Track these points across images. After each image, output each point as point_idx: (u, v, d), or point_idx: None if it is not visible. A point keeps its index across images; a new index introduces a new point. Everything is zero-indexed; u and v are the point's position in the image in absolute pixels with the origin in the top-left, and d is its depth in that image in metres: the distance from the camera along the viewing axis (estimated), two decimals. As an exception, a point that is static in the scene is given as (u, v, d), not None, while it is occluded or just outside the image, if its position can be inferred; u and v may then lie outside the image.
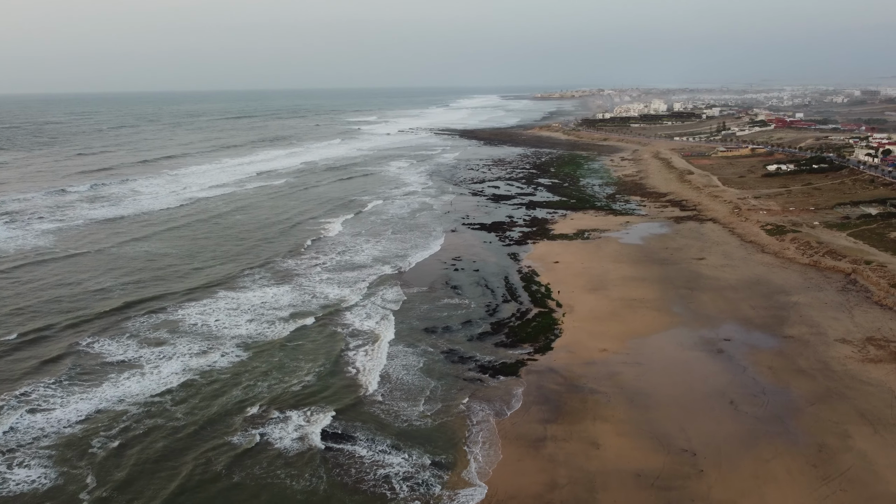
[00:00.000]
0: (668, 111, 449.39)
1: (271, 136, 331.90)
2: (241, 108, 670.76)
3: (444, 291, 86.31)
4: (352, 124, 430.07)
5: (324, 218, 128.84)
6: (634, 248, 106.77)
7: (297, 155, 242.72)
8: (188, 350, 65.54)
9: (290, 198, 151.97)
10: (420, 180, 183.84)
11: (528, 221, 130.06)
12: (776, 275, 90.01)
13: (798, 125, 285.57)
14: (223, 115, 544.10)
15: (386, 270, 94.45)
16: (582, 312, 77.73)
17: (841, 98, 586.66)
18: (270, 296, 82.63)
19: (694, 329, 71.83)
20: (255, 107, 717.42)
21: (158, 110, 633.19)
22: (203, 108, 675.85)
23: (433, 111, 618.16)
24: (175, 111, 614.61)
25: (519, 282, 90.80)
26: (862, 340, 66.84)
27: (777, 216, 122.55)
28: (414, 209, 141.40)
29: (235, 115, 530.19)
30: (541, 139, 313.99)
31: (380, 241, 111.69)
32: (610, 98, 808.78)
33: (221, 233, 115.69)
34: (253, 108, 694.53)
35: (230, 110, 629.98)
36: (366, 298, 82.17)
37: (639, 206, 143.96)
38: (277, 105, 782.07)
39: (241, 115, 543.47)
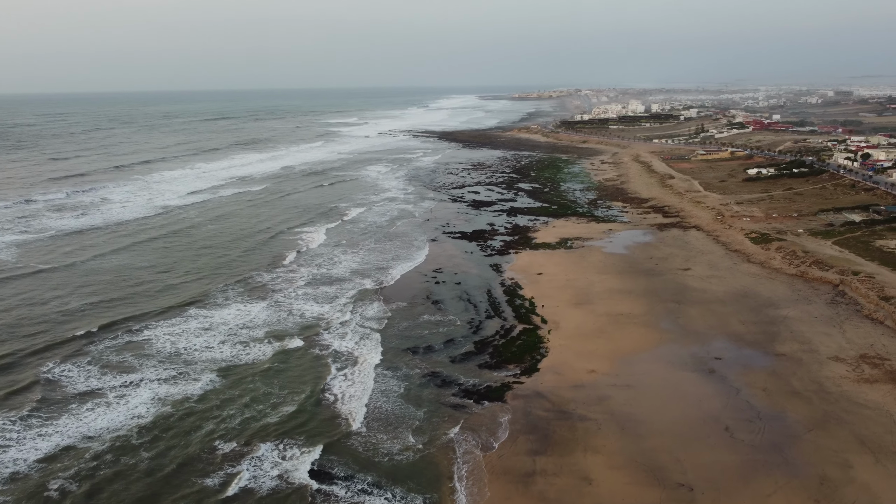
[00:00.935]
0: (645, 112, 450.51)
1: (249, 138, 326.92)
2: (219, 109, 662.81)
3: (425, 307, 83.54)
4: (330, 126, 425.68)
5: (301, 227, 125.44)
6: (619, 258, 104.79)
7: (275, 159, 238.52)
8: (157, 377, 62.17)
9: (267, 205, 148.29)
10: (399, 185, 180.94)
11: (509, 229, 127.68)
12: (764, 286, 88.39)
13: (775, 127, 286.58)
14: (200, 116, 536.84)
15: (366, 284, 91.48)
16: (568, 329, 75.40)
17: (815, 99, 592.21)
18: (245, 314, 79.33)
19: (684, 346, 69.79)
20: (232, 108, 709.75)
21: (133, 111, 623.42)
22: (179, 110, 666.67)
23: (412, 112, 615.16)
24: (150, 112, 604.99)
25: (502, 295, 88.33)
26: (855, 358, 65.17)
27: (761, 223, 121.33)
28: (393, 217, 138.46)
29: (212, 117, 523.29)
30: (520, 141, 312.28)
31: (359, 252, 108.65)
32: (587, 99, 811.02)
33: (195, 245, 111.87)
34: (230, 109, 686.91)
35: (207, 111, 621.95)
36: (345, 316, 79.13)
37: (621, 213, 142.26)
38: (255, 106, 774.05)
39: (217, 116, 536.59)
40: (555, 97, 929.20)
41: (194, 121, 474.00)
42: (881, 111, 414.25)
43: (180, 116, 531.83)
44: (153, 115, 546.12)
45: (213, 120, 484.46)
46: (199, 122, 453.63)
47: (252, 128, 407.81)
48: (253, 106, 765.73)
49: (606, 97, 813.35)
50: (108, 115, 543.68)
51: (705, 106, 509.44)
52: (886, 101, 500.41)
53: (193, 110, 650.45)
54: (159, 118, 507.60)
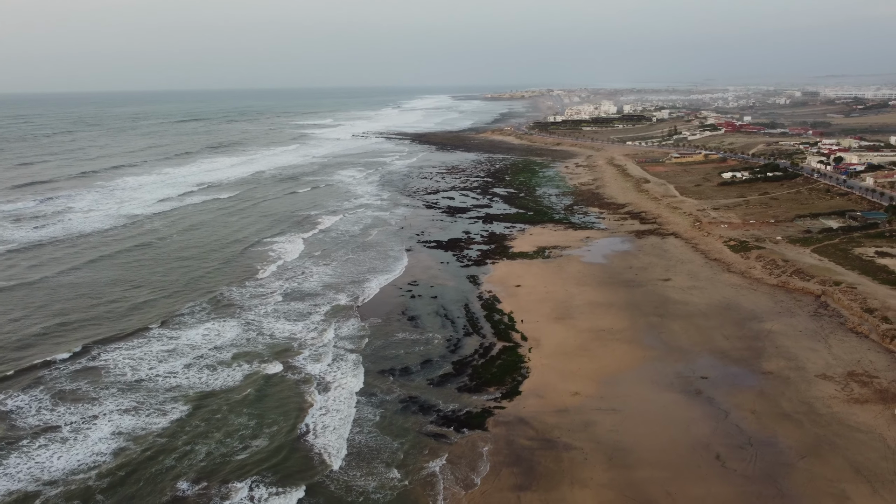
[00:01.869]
0: (618, 113, 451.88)
1: (220, 141, 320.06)
2: (189, 111, 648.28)
3: (400, 324, 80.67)
4: (303, 128, 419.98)
5: (273, 237, 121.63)
6: (598, 268, 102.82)
7: (245, 164, 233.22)
8: (117, 408, 58.50)
9: (237, 214, 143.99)
10: (372, 191, 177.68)
11: (485, 238, 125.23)
12: (745, 298, 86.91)
13: (747, 129, 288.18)
14: (170, 117, 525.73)
15: (340, 299, 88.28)
16: (549, 347, 73.05)
17: (783, 99, 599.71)
18: (213, 334, 75.73)
19: (668, 364, 67.79)
20: (204, 109, 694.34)
21: (101, 113, 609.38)
22: (148, 111, 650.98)
23: (385, 113, 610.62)
24: (118, 114, 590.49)
25: (480, 310, 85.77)
26: (843, 376, 63.65)
27: (739, 230, 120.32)
28: (367, 225, 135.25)
29: (183, 118, 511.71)
30: (494, 144, 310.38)
31: (332, 264, 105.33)
32: (559, 99, 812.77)
33: (161, 258, 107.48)
34: (202, 109, 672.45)
35: (177, 112, 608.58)
36: (319, 335, 75.91)
37: (598, 219, 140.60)
38: (227, 106, 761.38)
39: (188, 117, 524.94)
40: (527, 97, 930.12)
41: (164, 122, 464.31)
42: (848, 112, 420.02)
43: (150, 118, 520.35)
44: (122, 117, 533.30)
45: (184, 122, 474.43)
46: (170, 124, 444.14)
47: (224, 130, 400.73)
48: (225, 106, 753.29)
49: (578, 97, 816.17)
50: (75, 117, 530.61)
51: (676, 107, 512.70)
52: (852, 101, 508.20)
53: (163, 111, 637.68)
54: (128, 120, 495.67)
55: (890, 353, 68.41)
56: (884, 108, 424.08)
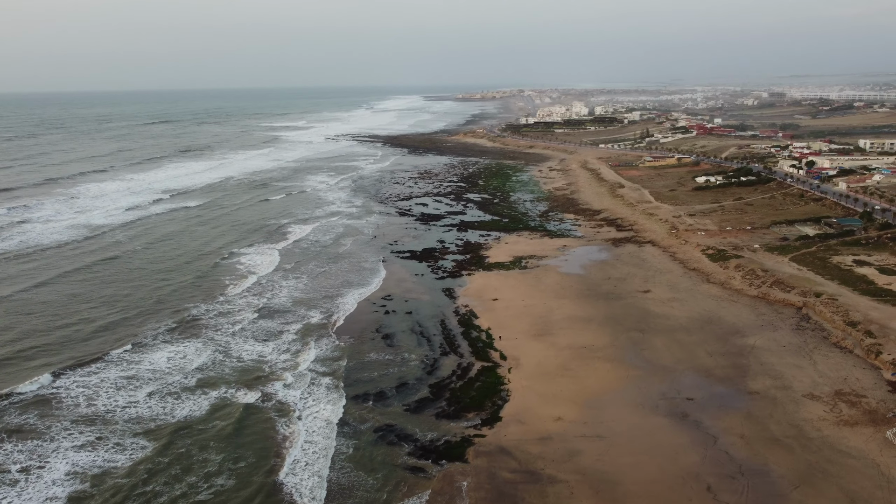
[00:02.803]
0: (589, 115, 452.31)
1: (187, 144, 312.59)
2: (158, 112, 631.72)
3: (374, 343, 77.70)
4: (274, 130, 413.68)
5: (241, 249, 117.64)
6: (576, 279, 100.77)
7: (214, 169, 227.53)
8: (72, 444, 54.73)
9: (204, 224, 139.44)
10: (344, 198, 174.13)
11: (460, 247, 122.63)
12: (727, 310, 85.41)
13: (718, 132, 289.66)
14: (138, 119, 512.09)
15: (312, 317, 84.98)
16: (529, 367, 70.62)
17: (751, 100, 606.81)
18: (177, 358, 72.09)
19: (652, 384, 65.74)
20: (173, 110, 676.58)
21: (65, 114, 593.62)
22: (116, 112, 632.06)
23: (357, 114, 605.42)
24: (84, 115, 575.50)
25: (457, 326, 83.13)
26: (831, 395, 62.12)
27: (716, 238, 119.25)
28: (339, 234, 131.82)
29: (151, 120, 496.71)
30: (466, 146, 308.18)
31: (302, 278, 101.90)
32: (531, 99, 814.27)
33: (122, 273, 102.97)
34: (171, 111, 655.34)
35: (146, 114, 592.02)
36: (290, 357, 72.65)
37: (574, 226, 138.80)
38: (197, 107, 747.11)
39: (157, 119, 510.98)
40: (498, 98, 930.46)
41: (132, 125, 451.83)
42: (815, 113, 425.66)
43: (116, 120, 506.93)
44: (87, 119, 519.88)
45: (153, 124, 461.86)
46: (138, 127, 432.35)
47: (193, 132, 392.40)
48: (195, 108, 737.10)
49: (549, 98, 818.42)
50: (39, 119, 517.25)
51: (647, 108, 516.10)
52: (818, 102, 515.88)
53: (131, 113, 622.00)
54: (93, 121, 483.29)
55: (875, 370, 67.14)
56: (849, 110, 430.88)
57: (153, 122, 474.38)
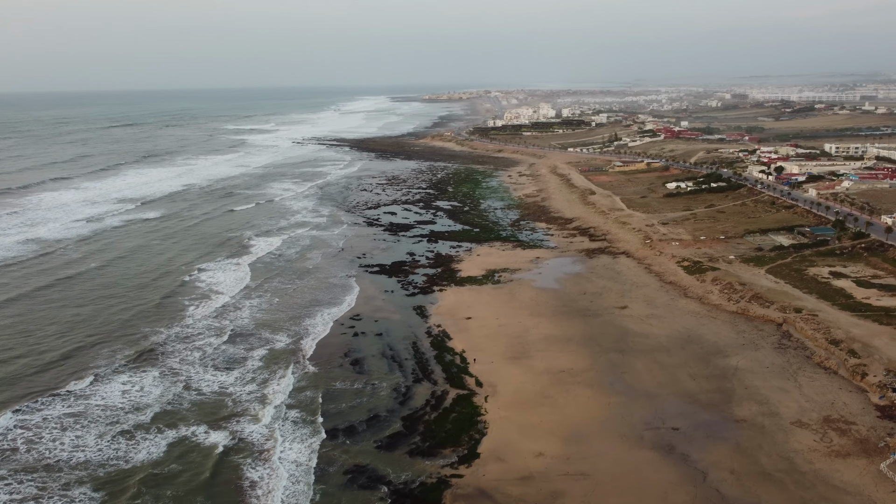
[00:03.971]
0: (557, 117, 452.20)
1: (149, 150, 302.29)
2: (120, 114, 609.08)
3: (343, 370, 73.77)
4: (239, 133, 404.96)
5: (202, 266, 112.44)
6: (551, 295, 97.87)
7: (176, 176, 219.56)
8: (10, 496, 49.94)
9: (163, 238, 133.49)
10: (310, 206, 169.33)
11: (431, 260, 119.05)
12: (706, 328, 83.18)
13: (685, 135, 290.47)
14: (98, 122, 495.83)
15: (277, 342, 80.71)
16: (506, 394, 67.37)
17: (714, 102, 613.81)
18: (132, 391, 67.40)
19: (635, 412, 62.94)
20: (135, 112, 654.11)
21: (21, 117, 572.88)
22: (76, 114, 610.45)
23: (324, 116, 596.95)
24: (43, 118, 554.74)
25: (429, 349, 79.61)
26: (820, 422, 59.91)
27: (690, 248, 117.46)
28: (304, 247, 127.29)
29: (112, 123, 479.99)
30: (434, 150, 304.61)
31: (266, 296, 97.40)
32: (497, 101, 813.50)
33: (73, 297, 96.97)
34: (133, 113, 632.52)
35: (107, 116, 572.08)
36: (254, 389, 68.43)
37: (546, 236, 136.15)
38: (161, 109, 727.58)
39: (118, 122, 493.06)
40: (465, 99, 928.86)
41: (93, 128, 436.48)
42: (777, 115, 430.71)
43: (76, 123, 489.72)
44: (45, 122, 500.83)
45: (114, 127, 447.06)
46: (99, 130, 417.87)
47: (156, 137, 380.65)
48: (159, 109, 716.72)
49: (516, 99, 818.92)
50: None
51: (613, 110, 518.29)
52: (780, 104, 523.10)
53: (92, 115, 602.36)
54: (52, 125, 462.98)
55: (862, 393, 65.24)
56: (811, 112, 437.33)
57: (115, 126, 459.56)
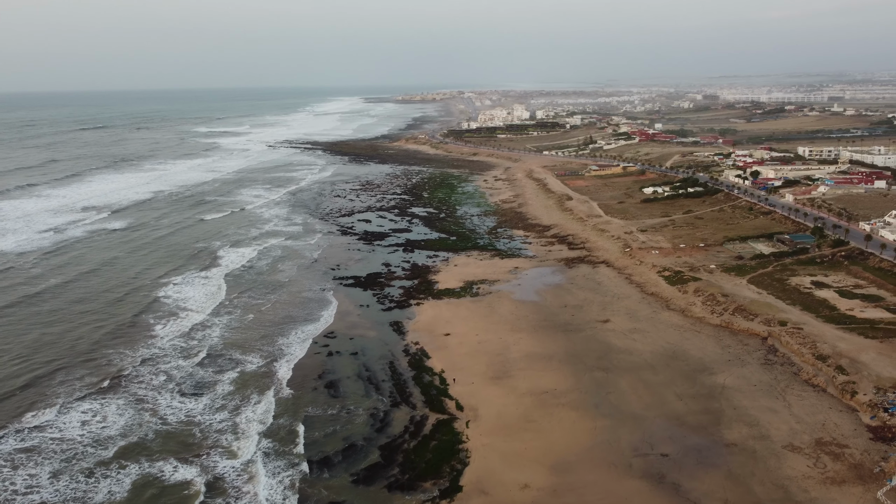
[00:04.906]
0: (531, 119, 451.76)
1: (119, 154, 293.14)
2: (89, 116, 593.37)
3: (317, 394, 70.62)
4: (211, 136, 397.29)
5: (169, 280, 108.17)
6: (531, 308, 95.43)
7: (146, 183, 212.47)
8: (-43, 548, 46.09)
9: (130, 249, 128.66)
10: (283, 214, 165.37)
11: (407, 271, 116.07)
12: (691, 343, 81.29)
13: (660, 138, 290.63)
14: (66, 125, 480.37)
15: (247, 364, 77.27)
16: (488, 419, 64.69)
17: (686, 103, 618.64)
18: (92, 421, 63.62)
19: (623, 436, 60.62)
20: (105, 114, 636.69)
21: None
22: (42, 116, 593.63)
23: (297, 117, 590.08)
24: (7, 120, 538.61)
25: (407, 369, 76.72)
26: (812, 446, 58.06)
27: (670, 257, 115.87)
28: (277, 258, 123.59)
29: (81, 126, 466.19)
30: (409, 154, 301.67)
31: (236, 313, 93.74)
32: (471, 102, 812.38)
33: (30, 317, 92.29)
34: (103, 115, 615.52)
35: (75, 119, 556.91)
36: (225, 417, 65.02)
37: (524, 244, 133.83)
38: (133, 110, 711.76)
39: (87, 125, 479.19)
40: (438, 100, 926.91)
41: (61, 131, 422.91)
42: (749, 117, 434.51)
43: (43, 126, 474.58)
44: (10, 125, 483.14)
45: (84, 130, 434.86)
46: (67, 134, 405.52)
47: (126, 140, 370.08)
48: (130, 111, 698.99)
49: (490, 100, 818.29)
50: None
51: (587, 112, 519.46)
52: (751, 106, 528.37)
53: (60, 117, 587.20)
54: (17, 128, 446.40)
55: (853, 412, 63.62)
56: (781, 113, 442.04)
57: (84, 129, 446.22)
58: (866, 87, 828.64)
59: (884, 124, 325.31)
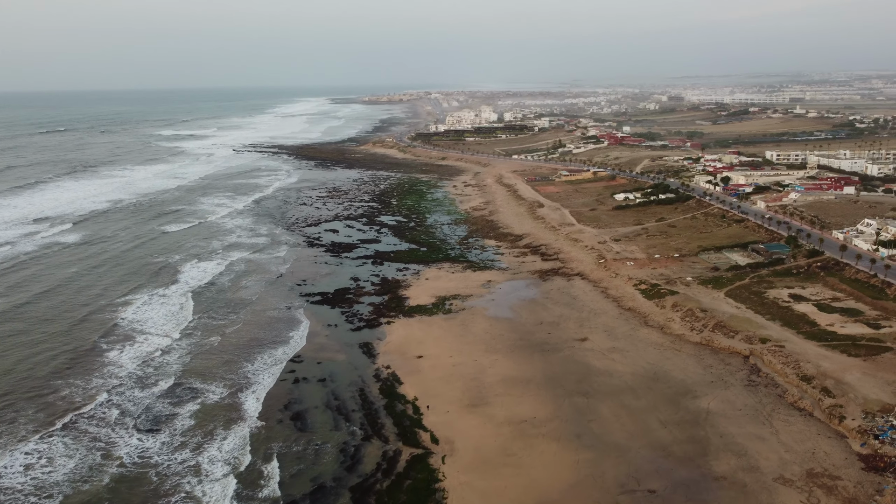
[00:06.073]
0: (499, 121, 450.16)
1: (79, 159, 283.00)
2: (49, 118, 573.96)
3: (283, 427, 66.53)
4: (175, 140, 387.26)
5: (124, 299, 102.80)
6: (506, 326, 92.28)
7: (106, 191, 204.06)
8: None
9: (84, 266, 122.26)
10: (247, 224, 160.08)
11: (377, 286, 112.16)
12: (672, 363, 78.82)
13: (629, 142, 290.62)
14: (22, 128, 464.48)
15: (209, 394, 72.84)
16: (466, 453, 61.27)
17: (653, 105, 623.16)
18: (36, 465, 58.76)
19: (608, 471, 57.67)
20: (65, 116, 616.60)
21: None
22: None
23: (263, 120, 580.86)
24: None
25: (378, 396, 73.00)
26: (803, 477, 55.73)
27: (646, 268, 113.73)
28: (241, 273, 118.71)
29: (41, 129, 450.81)
30: (376, 158, 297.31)
31: (196, 336, 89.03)
32: (438, 103, 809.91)
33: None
34: (63, 117, 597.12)
35: (33, 121, 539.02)
36: (187, 457, 60.59)
37: (496, 255, 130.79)
38: (95, 112, 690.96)
39: (46, 128, 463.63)
40: (405, 101, 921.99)
41: (16, 135, 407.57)
42: (715, 119, 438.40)
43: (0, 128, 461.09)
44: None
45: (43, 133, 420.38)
46: (24, 138, 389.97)
47: (87, 145, 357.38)
48: (93, 113, 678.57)
49: (457, 101, 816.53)
50: None
51: (555, 114, 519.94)
52: (716, 107, 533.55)
53: (16, 119, 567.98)
54: None
55: (842, 439, 61.54)
56: (745, 115, 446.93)
57: (43, 132, 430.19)
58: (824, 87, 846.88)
59: (846, 127, 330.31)
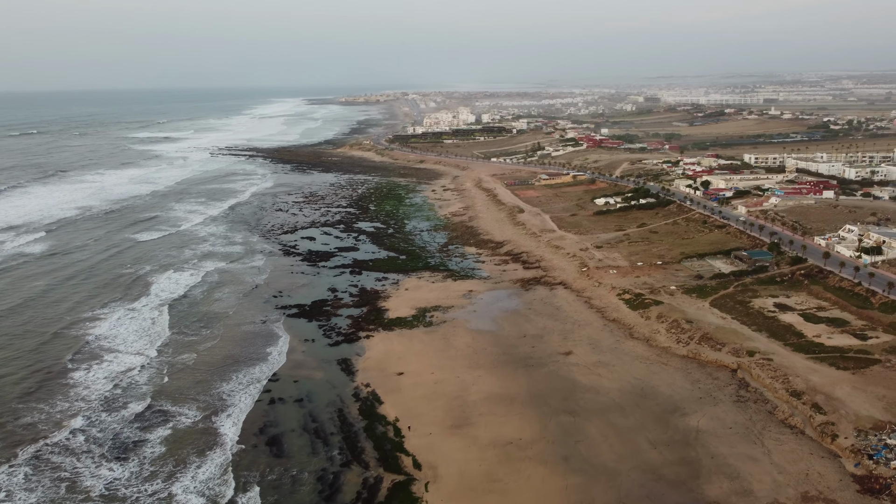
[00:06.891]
0: (477, 123, 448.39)
1: (48, 164, 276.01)
2: (20, 120, 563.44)
3: (258, 452, 63.75)
4: (150, 142, 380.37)
5: (93, 315, 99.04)
6: (489, 339, 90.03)
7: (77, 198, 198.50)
8: None
9: (53, 279, 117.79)
10: (221, 232, 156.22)
11: (355, 297, 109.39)
12: (659, 378, 77.09)
13: (608, 144, 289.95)
14: None
15: (181, 417, 69.72)
16: (450, 479, 58.91)
17: (629, 106, 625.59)
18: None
19: (598, 497, 55.80)
20: (36, 117, 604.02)
21: None
22: None
23: (239, 121, 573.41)
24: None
25: (358, 417, 70.41)
26: (799, 501, 54.23)
27: (629, 277, 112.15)
28: (215, 284, 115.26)
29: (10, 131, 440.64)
30: (354, 161, 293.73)
31: (167, 353, 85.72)
32: (415, 104, 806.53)
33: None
34: (34, 118, 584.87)
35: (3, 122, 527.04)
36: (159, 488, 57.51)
37: (477, 263, 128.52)
38: (68, 113, 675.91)
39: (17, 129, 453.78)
40: (382, 101, 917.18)
41: None
42: (691, 120, 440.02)
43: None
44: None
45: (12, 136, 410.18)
46: None
47: (58, 148, 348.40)
48: (65, 114, 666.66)
49: (434, 102, 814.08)
50: None
51: (532, 115, 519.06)
52: (692, 108, 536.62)
53: None
54: None
55: (835, 458, 60.09)
56: (721, 117, 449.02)
57: (13, 135, 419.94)
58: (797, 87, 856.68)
59: (821, 128, 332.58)
